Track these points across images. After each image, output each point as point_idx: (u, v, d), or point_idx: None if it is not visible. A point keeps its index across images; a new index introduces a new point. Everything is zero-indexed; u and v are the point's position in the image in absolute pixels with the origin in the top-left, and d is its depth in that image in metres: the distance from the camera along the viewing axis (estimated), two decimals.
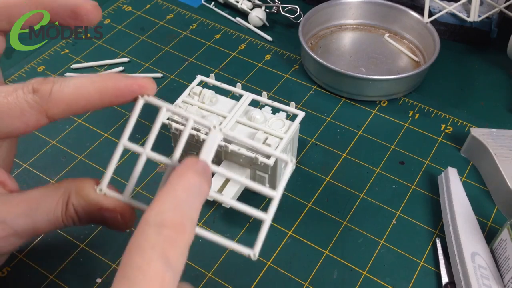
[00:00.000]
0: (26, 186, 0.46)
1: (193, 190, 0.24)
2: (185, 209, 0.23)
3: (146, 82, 0.27)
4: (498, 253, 0.40)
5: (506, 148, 0.47)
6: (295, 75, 0.58)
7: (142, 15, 0.66)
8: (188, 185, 0.23)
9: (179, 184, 0.23)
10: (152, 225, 0.22)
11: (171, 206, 0.22)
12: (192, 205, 0.23)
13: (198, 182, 0.24)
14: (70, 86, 0.26)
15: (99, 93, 0.26)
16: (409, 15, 0.60)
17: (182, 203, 0.23)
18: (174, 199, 0.23)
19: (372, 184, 0.48)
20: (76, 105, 0.26)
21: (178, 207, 0.23)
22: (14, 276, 0.41)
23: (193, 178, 0.24)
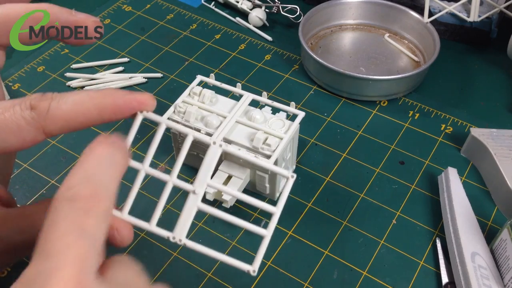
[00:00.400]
0: (26, 186, 0.47)
1: (104, 161, 0.24)
2: (97, 180, 0.23)
3: (146, 99, 0.28)
4: (498, 253, 0.40)
5: (506, 148, 0.47)
6: (295, 75, 0.58)
7: (142, 15, 0.66)
8: (99, 157, 0.24)
9: (88, 157, 0.23)
10: (63, 200, 0.22)
11: (81, 179, 0.22)
12: (105, 175, 0.23)
13: (110, 152, 0.24)
14: (68, 102, 0.26)
15: (98, 110, 0.26)
16: (409, 15, 0.60)
17: (93, 175, 0.23)
18: (84, 172, 0.23)
19: (372, 184, 0.48)
20: (75, 121, 0.26)
21: (89, 179, 0.22)
22: (14, 276, 0.40)
23: (104, 150, 0.24)
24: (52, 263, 0.20)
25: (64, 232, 0.20)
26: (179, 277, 0.41)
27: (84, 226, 0.21)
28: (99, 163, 0.23)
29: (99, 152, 0.24)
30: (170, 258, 0.42)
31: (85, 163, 0.23)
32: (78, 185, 0.22)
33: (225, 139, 0.43)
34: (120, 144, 0.25)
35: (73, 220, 0.21)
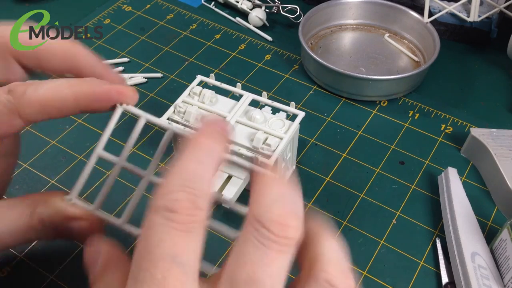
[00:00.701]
0: (26, 186, 0.47)
1: (206, 159, 0.21)
2: (197, 185, 0.20)
3: (126, 90, 0.26)
4: (498, 253, 0.40)
5: (506, 148, 0.47)
6: (295, 75, 0.58)
7: (142, 15, 0.66)
8: (200, 154, 0.21)
9: (188, 155, 0.21)
10: (159, 213, 0.19)
11: (180, 184, 0.20)
12: (204, 176, 0.21)
13: (212, 146, 0.22)
14: (45, 87, 0.25)
15: (74, 96, 0.25)
16: (409, 15, 0.60)
17: (193, 178, 0.20)
18: (181, 173, 0.20)
19: (372, 184, 0.48)
20: (51, 107, 0.25)
21: (188, 185, 0.20)
22: (14, 276, 0.41)
23: (206, 143, 0.21)
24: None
25: (157, 259, 0.19)
26: None
27: (180, 249, 0.19)
28: (199, 162, 0.21)
29: (200, 146, 0.21)
30: None
31: (184, 161, 0.21)
32: (176, 192, 0.20)
33: None
34: (224, 131, 0.22)
35: (169, 241, 0.19)
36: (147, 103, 0.54)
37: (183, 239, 0.19)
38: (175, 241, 0.19)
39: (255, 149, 0.42)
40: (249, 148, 0.42)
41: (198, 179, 0.20)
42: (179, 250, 0.19)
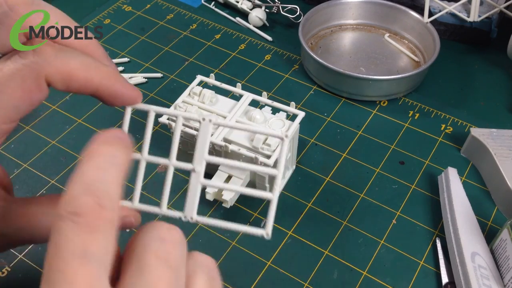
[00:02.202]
0: (26, 186, 0.47)
1: (104, 163, 0.22)
2: (98, 187, 0.21)
3: (138, 97, 0.28)
4: (498, 253, 0.40)
5: (506, 148, 0.47)
6: (295, 75, 0.58)
7: (142, 15, 0.66)
8: (97, 159, 0.22)
9: (87, 161, 0.21)
10: (65, 217, 0.20)
11: (82, 189, 0.20)
12: (106, 180, 0.21)
13: (110, 152, 0.22)
14: (77, 61, 0.26)
15: (98, 82, 0.26)
16: (409, 15, 0.60)
17: (94, 182, 0.21)
18: (83, 180, 0.21)
19: (372, 184, 0.48)
20: (75, 81, 0.26)
21: (90, 188, 0.20)
22: (14, 276, 0.41)
23: (103, 150, 0.22)
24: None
25: (67, 259, 0.19)
26: None
27: (88, 246, 0.19)
28: (99, 167, 0.21)
29: (97, 153, 0.22)
30: None
31: (84, 168, 0.21)
32: (79, 197, 0.20)
33: (225, 139, 0.43)
34: (120, 139, 0.23)
35: (76, 241, 0.19)
36: (147, 103, 0.54)
37: (92, 236, 0.20)
38: (84, 239, 0.19)
39: (255, 149, 0.42)
40: (249, 148, 0.42)
41: (99, 182, 0.21)
42: (89, 247, 0.19)
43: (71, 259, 0.19)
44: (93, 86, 0.26)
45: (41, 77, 0.25)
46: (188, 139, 0.44)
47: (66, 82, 0.26)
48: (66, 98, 0.55)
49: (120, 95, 0.27)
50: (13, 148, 0.50)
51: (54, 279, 0.19)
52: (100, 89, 0.26)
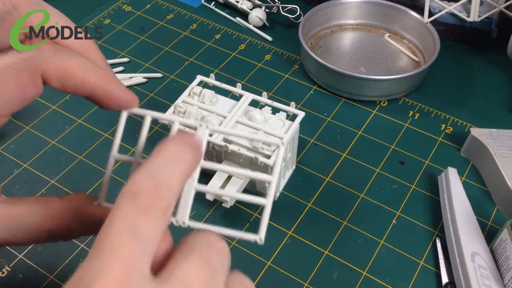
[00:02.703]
0: (26, 186, 0.47)
1: (172, 159, 0.23)
2: (161, 177, 0.22)
3: (134, 101, 0.28)
4: (498, 253, 0.40)
5: (506, 148, 0.47)
6: (295, 75, 0.58)
7: (142, 15, 0.66)
8: (166, 155, 0.23)
9: (156, 155, 0.23)
10: (124, 196, 0.21)
11: (147, 175, 0.22)
12: (170, 173, 0.23)
13: (178, 150, 0.23)
14: (76, 61, 0.26)
15: (94, 83, 0.26)
16: (409, 15, 0.60)
17: (158, 171, 0.22)
18: (150, 168, 0.22)
19: (372, 184, 0.48)
20: (71, 81, 0.26)
21: (153, 176, 0.22)
22: (14, 276, 0.41)
23: (172, 147, 0.23)
24: (99, 262, 0.19)
25: (117, 231, 0.20)
26: None
27: (139, 225, 0.20)
28: (166, 161, 0.23)
29: (167, 149, 0.23)
30: None
31: (152, 160, 0.23)
32: (141, 181, 0.22)
33: (225, 139, 0.43)
34: (191, 142, 0.24)
35: (130, 218, 0.21)
36: (147, 103, 0.54)
37: (145, 218, 0.21)
38: (137, 218, 0.21)
39: (255, 149, 0.42)
40: (249, 148, 0.42)
41: (164, 173, 0.22)
42: (140, 226, 0.21)
43: (121, 232, 0.20)
44: (89, 87, 0.26)
45: (37, 72, 0.25)
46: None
47: (62, 80, 0.26)
48: (66, 98, 0.55)
49: (116, 98, 0.27)
50: (13, 148, 0.50)
51: (100, 246, 0.20)
52: (96, 91, 0.27)
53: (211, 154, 0.44)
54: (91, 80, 0.26)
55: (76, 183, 0.47)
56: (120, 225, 0.20)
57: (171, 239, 0.24)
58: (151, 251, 0.21)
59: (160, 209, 0.21)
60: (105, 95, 0.27)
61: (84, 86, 0.26)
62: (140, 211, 0.21)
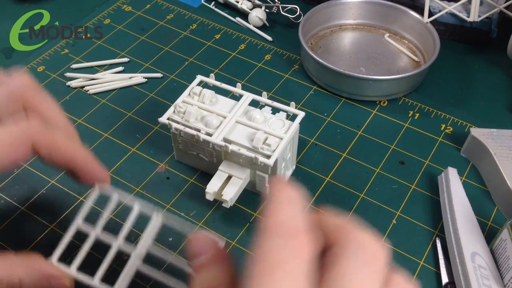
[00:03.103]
0: (26, 186, 0.47)
1: (296, 205, 0.23)
2: (300, 221, 0.22)
3: (107, 177, 0.34)
4: (498, 253, 0.40)
5: (506, 148, 0.47)
6: (295, 75, 0.58)
7: (142, 15, 0.66)
8: (290, 200, 0.23)
9: (283, 200, 0.23)
10: (278, 234, 0.21)
11: (289, 217, 0.22)
12: (298, 219, 0.23)
13: (297, 197, 0.24)
14: (62, 137, 0.32)
15: (75, 158, 0.32)
16: (409, 15, 0.60)
17: (294, 217, 0.22)
18: (285, 212, 0.22)
19: (372, 184, 0.48)
20: (56, 152, 0.32)
21: (294, 219, 0.22)
22: None
23: (292, 193, 0.24)
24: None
25: (280, 278, 0.20)
26: None
27: (301, 269, 0.21)
28: (293, 206, 0.23)
29: (289, 195, 0.23)
30: None
31: (282, 204, 0.23)
32: (288, 221, 0.22)
33: (225, 139, 0.43)
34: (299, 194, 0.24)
35: (293, 262, 0.21)
36: (147, 103, 0.54)
37: (301, 258, 0.21)
38: (297, 259, 0.21)
39: (255, 149, 0.42)
40: (249, 148, 0.42)
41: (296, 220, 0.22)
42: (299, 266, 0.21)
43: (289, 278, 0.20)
44: (71, 160, 0.32)
45: (28, 142, 0.31)
46: (188, 139, 0.44)
47: (49, 151, 0.32)
48: (66, 98, 0.55)
49: (92, 173, 0.33)
50: None
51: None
52: (76, 165, 0.32)
53: (211, 153, 0.44)
54: (74, 154, 0.32)
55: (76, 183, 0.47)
56: (283, 271, 0.20)
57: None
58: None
59: (311, 253, 0.22)
60: (83, 169, 0.32)
61: (67, 158, 0.32)
62: (299, 253, 0.21)
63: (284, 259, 0.20)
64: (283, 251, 0.21)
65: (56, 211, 0.45)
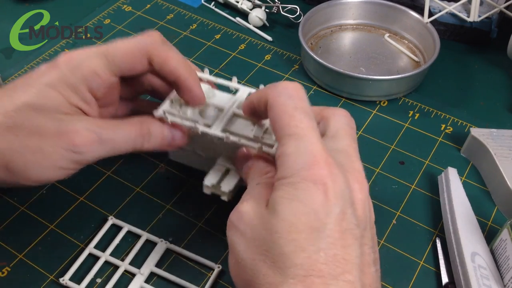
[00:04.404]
0: None
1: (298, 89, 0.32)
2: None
3: (204, 100, 0.41)
4: (498, 253, 0.40)
5: (506, 148, 0.47)
6: (295, 75, 0.58)
7: (142, 15, 0.66)
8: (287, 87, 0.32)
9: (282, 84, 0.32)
10: (282, 96, 0.31)
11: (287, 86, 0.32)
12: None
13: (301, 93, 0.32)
14: (175, 53, 0.39)
15: (180, 75, 0.38)
16: (409, 15, 0.60)
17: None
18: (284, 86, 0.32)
19: (372, 184, 0.48)
20: (166, 66, 0.38)
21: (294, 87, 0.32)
22: (14, 276, 0.41)
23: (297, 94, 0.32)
24: (305, 142, 0.29)
25: (300, 119, 0.29)
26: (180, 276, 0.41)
27: (306, 110, 0.30)
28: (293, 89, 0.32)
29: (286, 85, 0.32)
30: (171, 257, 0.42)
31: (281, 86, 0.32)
32: (289, 89, 0.31)
33: (225, 130, 0.41)
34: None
35: (300, 108, 0.30)
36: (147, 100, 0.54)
37: (304, 103, 0.32)
38: (301, 107, 0.31)
39: (256, 139, 0.40)
40: (250, 138, 0.40)
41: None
42: (305, 109, 0.31)
43: (302, 118, 0.30)
44: (176, 75, 0.37)
45: (145, 54, 0.37)
46: (196, 136, 0.42)
47: (160, 65, 0.37)
48: None
49: (193, 92, 0.38)
50: None
51: (296, 134, 0.29)
52: (180, 80, 0.37)
53: (209, 148, 0.43)
54: (180, 71, 0.37)
55: (76, 183, 0.47)
56: (298, 113, 0.30)
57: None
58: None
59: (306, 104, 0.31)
60: (185, 86, 0.38)
61: (173, 72, 0.37)
62: (301, 101, 0.31)
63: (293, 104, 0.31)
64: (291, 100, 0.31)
65: (56, 211, 0.45)
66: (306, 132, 0.29)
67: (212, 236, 0.43)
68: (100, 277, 0.40)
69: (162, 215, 0.44)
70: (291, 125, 0.29)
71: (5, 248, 0.42)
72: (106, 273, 0.41)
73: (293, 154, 0.28)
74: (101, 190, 0.46)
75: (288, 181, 0.28)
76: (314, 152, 0.28)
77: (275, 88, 0.31)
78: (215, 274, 0.40)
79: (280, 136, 0.30)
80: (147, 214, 0.44)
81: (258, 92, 0.34)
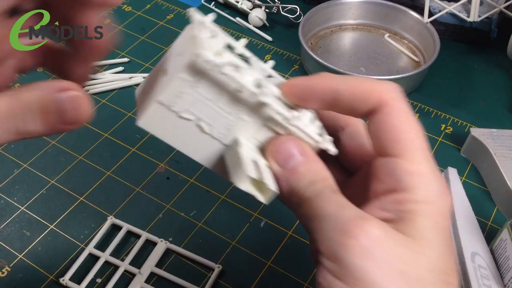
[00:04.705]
0: (26, 186, 0.47)
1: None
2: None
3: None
4: (498, 253, 0.40)
5: (506, 148, 0.47)
6: (295, 75, 0.58)
7: (142, 15, 0.66)
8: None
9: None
10: (404, 104, 0.25)
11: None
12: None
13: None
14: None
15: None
16: (409, 15, 0.60)
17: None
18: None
19: None
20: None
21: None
22: (14, 276, 0.41)
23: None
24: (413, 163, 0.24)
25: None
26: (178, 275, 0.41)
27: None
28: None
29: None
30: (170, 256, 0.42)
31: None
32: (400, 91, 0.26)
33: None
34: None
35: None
36: None
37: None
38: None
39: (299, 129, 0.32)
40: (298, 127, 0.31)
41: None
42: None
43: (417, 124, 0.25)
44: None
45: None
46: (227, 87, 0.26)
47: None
48: None
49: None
50: (13, 148, 0.50)
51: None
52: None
53: (224, 120, 0.27)
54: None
55: (76, 183, 0.47)
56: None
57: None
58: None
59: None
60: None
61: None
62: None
63: None
64: None
65: (56, 211, 0.45)
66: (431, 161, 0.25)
67: (212, 236, 0.43)
68: (100, 277, 0.40)
69: (162, 215, 0.44)
70: (423, 147, 0.25)
71: (5, 248, 0.42)
72: (106, 273, 0.41)
73: (432, 177, 0.24)
74: (101, 190, 0.46)
75: (436, 208, 0.24)
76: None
77: (389, 86, 0.25)
78: (215, 274, 0.40)
79: (404, 149, 0.24)
80: (147, 214, 0.45)
81: (354, 82, 0.26)
